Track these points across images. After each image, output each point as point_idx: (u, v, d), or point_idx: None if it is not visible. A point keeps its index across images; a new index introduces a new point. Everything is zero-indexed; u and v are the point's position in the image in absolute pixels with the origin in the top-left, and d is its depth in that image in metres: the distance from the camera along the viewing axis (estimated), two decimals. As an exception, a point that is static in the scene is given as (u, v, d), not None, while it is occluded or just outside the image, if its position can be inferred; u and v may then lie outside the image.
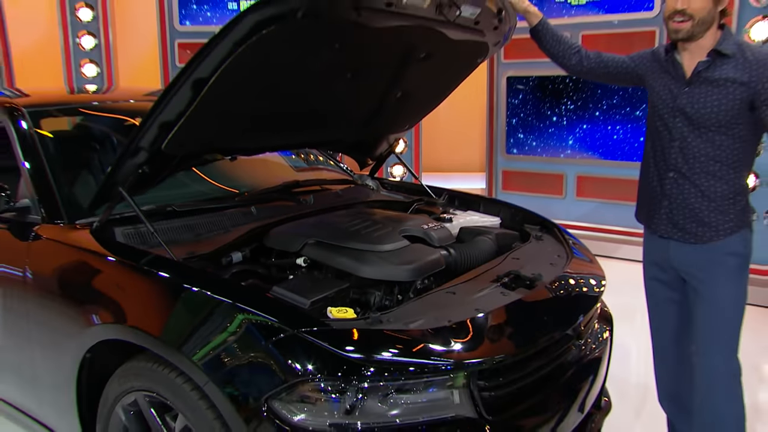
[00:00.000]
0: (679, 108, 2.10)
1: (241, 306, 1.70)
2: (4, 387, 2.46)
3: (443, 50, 2.36)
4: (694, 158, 2.10)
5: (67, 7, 5.75)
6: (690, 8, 1.97)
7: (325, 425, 1.56)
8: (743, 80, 1.99)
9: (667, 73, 2.15)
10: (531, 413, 1.81)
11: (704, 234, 2.11)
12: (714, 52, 2.04)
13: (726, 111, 2.02)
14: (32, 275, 2.21)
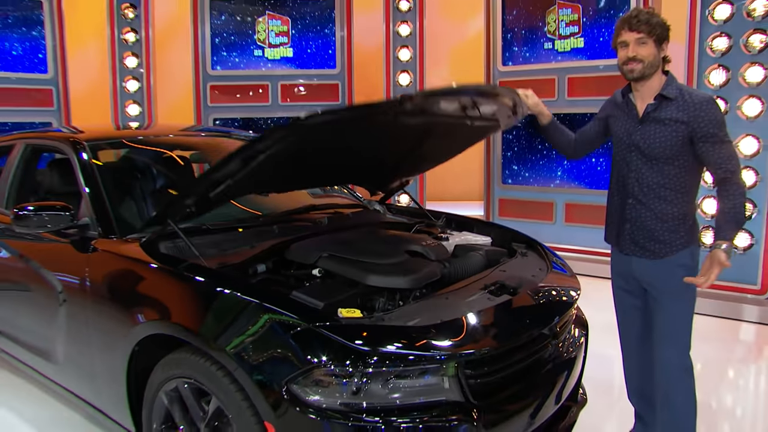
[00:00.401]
0: (634, 144, 2.28)
1: (266, 306, 1.87)
2: (71, 381, 2.64)
3: (461, 130, 2.61)
4: (648, 186, 2.26)
5: (117, 55, 6.07)
6: (639, 55, 2.19)
7: (336, 404, 1.72)
8: (684, 120, 2.19)
9: (624, 113, 2.34)
10: (511, 400, 1.95)
11: (660, 250, 2.26)
12: (660, 95, 2.23)
13: (671, 146, 2.20)
14: (90, 282, 2.41)
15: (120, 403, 2.30)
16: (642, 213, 2.29)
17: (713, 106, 2.21)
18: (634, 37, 2.19)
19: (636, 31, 2.19)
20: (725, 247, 2.15)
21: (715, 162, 2.18)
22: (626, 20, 2.23)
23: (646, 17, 2.20)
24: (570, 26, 5.44)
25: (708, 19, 4.28)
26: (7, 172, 3.27)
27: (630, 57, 2.20)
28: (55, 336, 2.61)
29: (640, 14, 2.21)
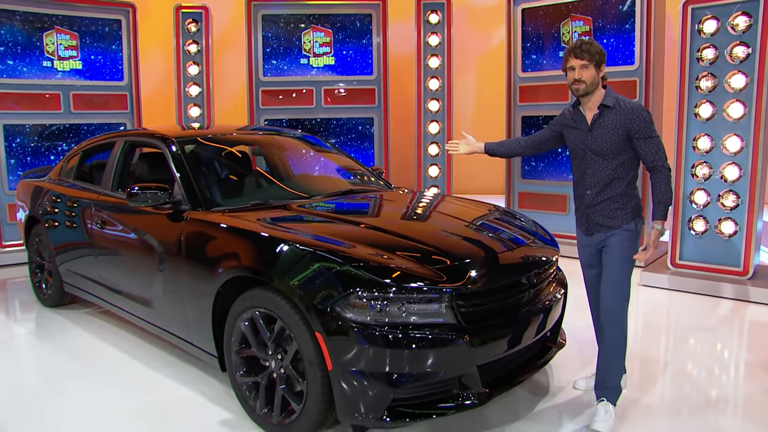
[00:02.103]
0: (587, 147, 2.86)
1: (318, 253, 2.63)
2: (165, 322, 3.45)
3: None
4: (601, 178, 2.84)
5: (181, 64, 6.95)
6: (583, 77, 2.79)
7: (366, 320, 2.45)
8: (620, 123, 2.78)
9: (577, 124, 2.91)
10: (493, 328, 2.65)
11: (614, 224, 2.85)
12: (602, 105, 2.83)
13: (616, 144, 2.79)
14: (184, 244, 3.21)
15: (206, 333, 3.09)
16: (599, 199, 2.86)
17: (642, 110, 2.79)
18: (579, 63, 2.78)
19: (580, 59, 2.78)
20: (659, 226, 2.78)
21: (646, 153, 2.78)
22: (572, 50, 2.81)
23: (587, 47, 2.78)
24: (583, 36, 6.04)
25: (697, 32, 4.84)
26: (111, 163, 4.14)
27: (576, 79, 2.79)
28: (155, 287, 3.44)
29: (582, 45, 2.80)
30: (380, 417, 2.45)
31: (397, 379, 2.43)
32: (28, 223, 4.94)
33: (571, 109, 2.98)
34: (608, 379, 2.85)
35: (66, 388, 3.37)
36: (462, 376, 2.53)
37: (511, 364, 2.84)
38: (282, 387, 2.71)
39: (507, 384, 2.74)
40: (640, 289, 5.13)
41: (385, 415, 2.45)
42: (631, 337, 4.20)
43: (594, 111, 2.85)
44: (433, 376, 2.48)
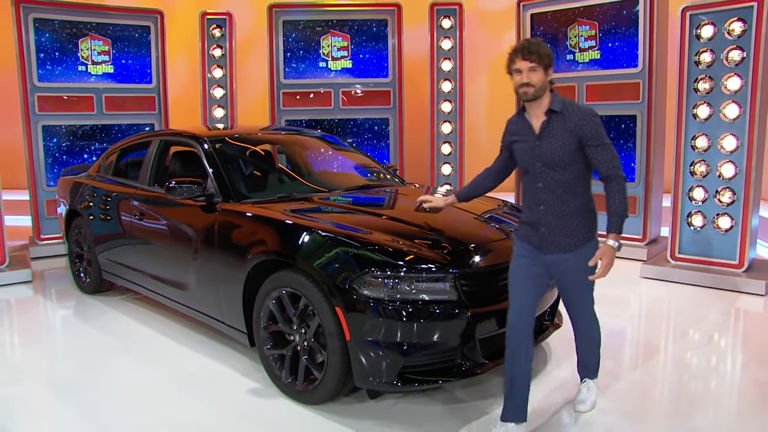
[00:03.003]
0: (536, 157, 2.62)
1: (338, 239, 2.99)
2: (199, 303, 3.82)
3: None
4: (553, 192, 2.61)
5: (206, 67, 7.36)
6: (531, 81, 2.56)
7: (380, 296, 2.79)
8: (570, 129, 2.56)
9: (524, 133, 2.68)
10: (493, 305, 3.00)
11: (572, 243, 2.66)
12: (549, 111, 2.61)
13: (566, 153, 2.57)
14: (217, 232, 3.59)
15: (237, 312, 3.46)
16: (552, 216, 2.63)
17: (593, 114, 2.59)
18: (526, 66, 2.54)
19: (528, 61, 2.54)
20: (611, 242, 2.56)
21: (599, 162, 2.57)
22: (519, 51, 2.56)
23: (536, 49, 2.54)
24: (588, 40, 6.35)
25: (695, 37, 5.13)
26: (147, 160, 4.55)
27: (524, 83, 2.56)
28: (190, 272, 3.82)
29: (531, 46, 2.56)
30: (392, 382, 2.80)
31: (407, 348, 2.78)
32: (69, 217, 5.37)
33: (515, 118, 2.77)
34: (590, 363, 3.02)
35: (110, 361, 3.77)
36: (464, 347, 2.87)
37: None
38: (305, 358, 3.08)
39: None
40: (641, 281, 5.42)
41: (396, 380, 2.81)
42: (633, 327, 4.52)
43: (541, 118, 2.63)
44: (439, 346, 2.82)
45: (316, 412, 3.04)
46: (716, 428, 2.96)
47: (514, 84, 2.62)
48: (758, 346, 4.01)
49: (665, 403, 3.26)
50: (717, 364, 3.75)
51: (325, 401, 3.06)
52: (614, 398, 3.23)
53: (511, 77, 2.64)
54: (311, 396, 3.06)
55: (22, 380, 3.57)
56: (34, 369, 3.75)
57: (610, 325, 4.37)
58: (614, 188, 2.61)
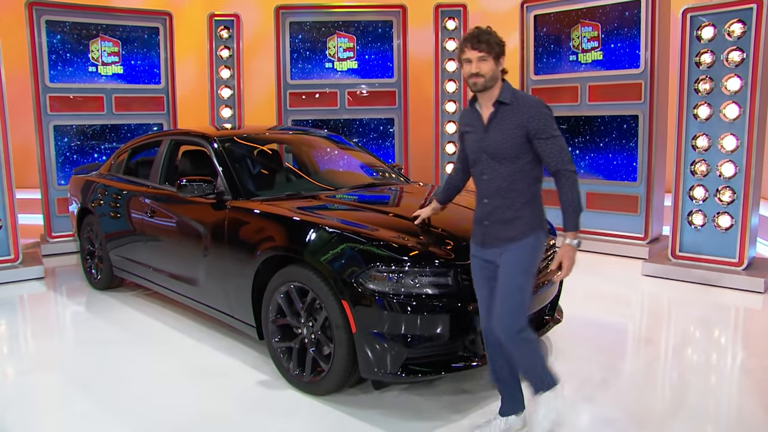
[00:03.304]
0: (483, 149, 2.56)
1: (344, 235, 3.10)
2: (209, 298, 3.93)
3: None
4: (498, 185, 2.54)
5: (214, 68, 7.49)
6: (481, 71, 2.48)
7: (384, 290, 2.90)
8: (518, 122, 2.47)
9: (472, 125, 2.62)
10: (495, 299, 3.11)
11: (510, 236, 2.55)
12: (497, 102, 2.52)
13: (513, 146, 2.49)
14: (227, 229, 3.70)
15: (246, 306, 3.57)
16: (496, 209, 2.57)
17: (542, 106, 2.51)
18: (476, 55, 2.47)
19: (478, 50, 2.46)
20: (569, 240, 2.48)
21: (548, 155, 2.47)
22: (469, 39, 2.48)
23: (486, 38, 2.47)
24: (591, 41, 6.44)
25: (696, 38, 5.22)
26: (158, 159, 4.67)
27: (473, 72, 2.49)
28: (200, 268, 3.94)
29: (481, 35, 2.48)
30: (396, 373, 2.91)
31: (410, 340, 2.89)
32: (81, 215, 5.50)
33: (468, 109, 2.70)
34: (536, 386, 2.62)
35: (123, 354, 3.89)
36: (466, 339, 2.97)
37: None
38: (312, 350, 3.19)
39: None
40: (642, 279, 5.51)
41: (401, 371, 2.91)
42: (634, 324, 4.61)
43: (490, 109, 2.57)
44: (442, 338, 2.93)
45: (323, 403, 3.15)
46: (716, 423, 3.05)
47: (463, 74, 2.55)
48: (758, 342, 4.10)
49: (666, 398, 3.34)
50: (717, 361, 3.83)
51: (331, 392, 3.17)
52: (615, 394, 3.31)
53: (461, 67, 2.56)
54: (318, 387, 3.17)
55: (38, 370, 3.69)
56: (49, 360, 3.87)
57: (611, 322, 4.47)
58: (565, 183, 2.49)
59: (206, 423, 3.00)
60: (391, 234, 3.13)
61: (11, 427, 3.00)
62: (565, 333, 4.03)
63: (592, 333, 4.17)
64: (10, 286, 5.50)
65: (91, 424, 3.01)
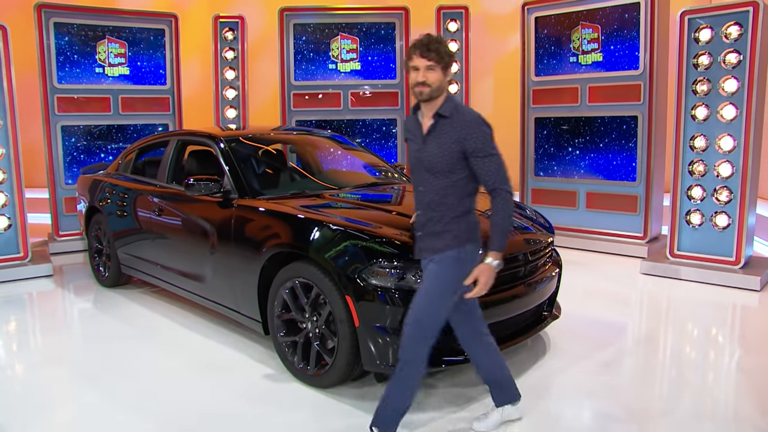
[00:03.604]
0: (420, 160, 2.54)
1: (348, 232, 3.20)
2: (216, 294, 4.04)
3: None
4: (431, 198, 2.53)
5: (219, 69, 7.60)
6: (428, 80, 2.44)
7: (386, 285, 3.00)
8: (455, 138, 2.44)
9: (413, 133, 2.61)
10: (493, 294, 3.18)
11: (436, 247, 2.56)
12: (437, 114, 2.48)
13: (448, 161, 2.46)
14: (234, 227, 3.81)
15: (252, 302, 3.67)
16: (428, 221, 2.57)
17: (480, 124, 2.47)
18: (424, 64, 2.42)
19: (426, 59, 2.41)
20: (489, 260, 2.45)
21: (484, 174, 2.45)
22: (418, 47, 2.43)
23: (436, 47, 2.42)
24: (591, 43, 6.53)
25: (694, 40, 5.31)
26: (165, 159, 4.78)
27: (420, 81, 2.44)
28: (207, 265, 4.04)
29: (431, 43, 2.43)
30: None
31: (412, 334, 2.99)
32: (89, 213, 5.62)
33: (411, 116, 2.66)
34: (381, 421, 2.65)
35: (131, 348, 4.00)
36: (466, 333, 3.07)
37: (510, 327, 3.38)
38: (316, 344, 3.29)
39: (504, 344, 3.28)
40: (641, 277, 5.60)
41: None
42: (633, 321, 4.70)
43: (429, 119, 2.54)
44: (442, 331, 3.02)
45: (326, 395, 3.25)
46: (713, 420, 3.13)
47: (410, 81, 2.50)
48: (754, 339, 4.19)
49: (663, 395, 3.41)
50: (714, 358, 3.92)
51: (335, 385, 3.28)
52: (612, 390, 3.39)
53: (407, 73, 2.52)
54: (322, 380, 3.28)
55: (47, 364, 3.81)
56: (58, 354, 3.99)
57: (609, 320, 4.56)
58: (499, 203, 2.47)
59: (213, 416, 3.11)
60: (394, 231, 3.22)
61: (20, 418, 3.10)
62: (564, 329, 4.12)
63: (589, 330, 4.26)
64: (20, 283, 5.62)
65: (99, 417, 3.12)
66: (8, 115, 5.65)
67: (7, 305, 5.02)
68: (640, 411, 3.13)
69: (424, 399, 3.22)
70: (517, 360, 3.68)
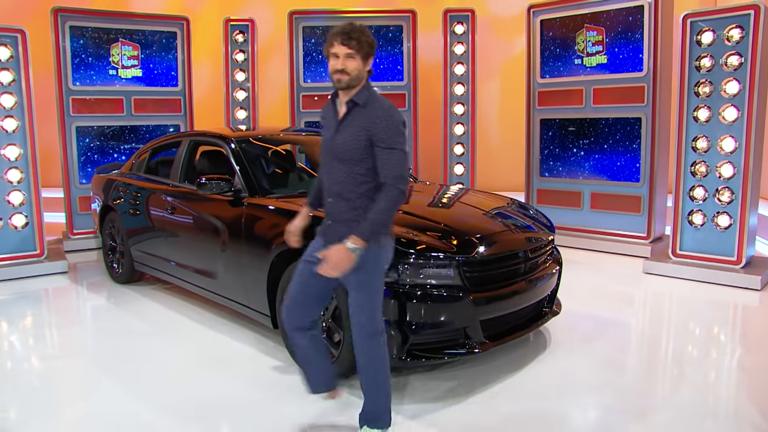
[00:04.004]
0: (331, 147, 2.54)
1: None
2: (226, 290, 4.19)
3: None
4: (342, 185, 2.52)
5: (230, 71, 7.78)
6: (347, 68, 2.44)
7: (392, 280, 3.13)
8: (365, 124, 2.44)
9: (327, 121, 2.61)
10: (494, 290, 3.33)
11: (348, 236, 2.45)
12: (351, 101, 2.48)
13: (358, 149, 2.45)
14: (244, 224, 3.96)
15: (262, 296, 3.82)
16: (338, 209, 2.57)
17: (390, 114, 2.45)
18: (344, 51, 2.43)
19: (347, 47, 2.42)
20: (349, 243, 2.37)
21: (380, 166, 2.43)
22: (339, 34, 2.44)
23: (357, 35, 2.43)
24: (595, 45, 6.64)
25: (696, 43, 5.40)
26: (178, 159, 4.94)
27: (339, 69, 2.44)
28: (219, 262, 4.19)
29: (352, 32, 2.44)
30: (401, 357, 3.14)
31: (415, 327, 3.13)
32: (103, 212, 5.79)
33: (329, 104, 2.67)
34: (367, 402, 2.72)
35: (144, 342, 4.17)
36: (467, 327, 3.21)
37: (510, 323, 3.51)
38: (323, 337, 3.43)
39: (504, 338, 3.41)
40: (644, 277, 5.69)
41: (405, 356, 3.15)
42: (636, 321, 4.79)
43: (344, 106, 2.55)
44: (444, 326, 3.16)
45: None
46: (714, 418, 3.22)
47: (330, 68, 2.50)
48: (755, 338, 4.28)
49: (667, 394, 3.47)
50: (716, 356, 4.01)
51: (342, 377, 3.40)
52: (618, 392, 3.46)
53: (328, 60, 2.52)
54: (328, 371, 3.41)
55: (63, 357, 3.98)
56: (73, 348, 4.16)
57: (613, 320, 4.66)
58: (386, 196, 2.42)
59: (223, 405, 3.25)
60: (400, 229, 3.34)
61: (37, 408, 3.26)
62: (565, 326, 4.24)
63: (591, 327, 4.37)
64: (36, 279, 5.81)
65: (113, 407, 3.28)
66: (26, 116, 5.84)
67: (24, 301, 5.20)
68: (640, 409, 3.20)
69: (425, 390, 3.34)
70: (518, 355, 3.81)
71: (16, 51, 5.77)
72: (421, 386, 3.40)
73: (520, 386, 3.41)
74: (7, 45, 5.72)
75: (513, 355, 3.78)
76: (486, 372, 3.56)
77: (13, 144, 5.81)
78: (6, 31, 5.73)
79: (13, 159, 5.81)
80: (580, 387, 3.44)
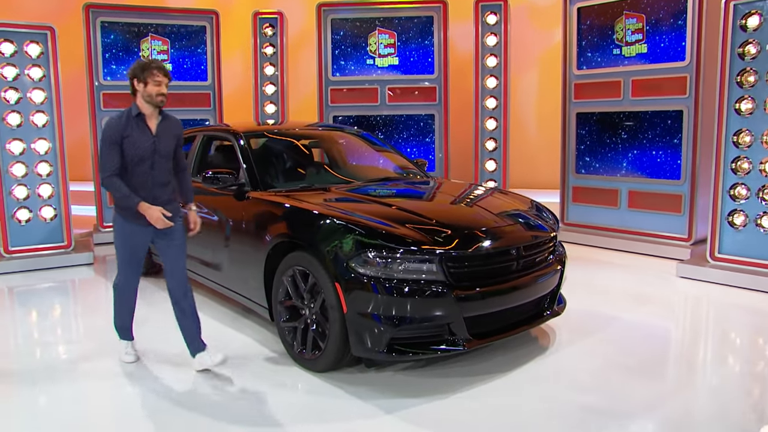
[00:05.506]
0: (155, 149, 3.56)
1: (348, 226, 3.47)
2: (230, 281, 4.43)
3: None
4: (162, 175, 3.62)
5: (259, 65, 8.06)
6: (165, 93, 3.55)
7: (376, 274, 3.26)
8: (175, 133, 3.69)
9: (140, 131, 3.52)
10: (481, 286, 3.39)
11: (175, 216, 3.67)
12: (163, 114, 3.62)
13: (171, 150, 3.65)
14: (246, 218, 4.18)
15: (260, 289, 4.02)
16: (160, 194, 3.63)
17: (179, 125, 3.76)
18: (165, 81, 3.54)
19: (167, 78, 3.56)
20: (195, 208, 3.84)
21: (180, 159, 3.79)
22: (160, 68, 3.53)
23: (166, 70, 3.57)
24: (635, 34, 6.54)
25: (740, 28, 5.24)
26: (192, 153, 5.23)
27: (163, 93, 3.53)
28: (223, 254, 4.43)
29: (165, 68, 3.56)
30: (382, 351, 3.27)
31: (397, 321, 3.24)
32: (125, 205, 6.15)
33: (125, 120, 3.54)
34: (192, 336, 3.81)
35: (157, 330, 4.45)
36: (450, 323, 3.29)
37: (504, 321, 3.56)
38: (313, 329, 3.59)
39: (493, 336, 3.48)
40: (679, 281, 5.57)
41: (388, 350, 3.26)
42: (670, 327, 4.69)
43: (156, 120, 3.61)
44: (426, 321, 3.26)
45: (322, 379, 3.55)
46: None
47: (151, 92, 3.50)
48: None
49: (706, 408, 3.36)
50: (732, 362, 3.94)
51: (329, 369, 3.57)
52: (611, 395, 3.46)
53: (145, 85, 3.49)
54: (317, 363, 3.58)
55: (85, 342, 4.34)
56: (95, 335, 4.48)
57: (628, 322, 4.60)
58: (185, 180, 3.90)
59: (216, 396, 3.46)
60: (387, 224, 3.48)
61: (63, 393, 3.57)
62: (567, 324, 4.24)
63: (601, 329, 4.35)
64: (63, 270, 6.24)
65: (134, 387, 3.56)
66: (55, 111, 6.29)
67: (51, 291, 5.62)
68: (624, 413, 3.21)
69: (412, 384, 3.45)
70: (518, 354, 3.86)
71: (46, 47, 6.22)
72: (405, 380, 3.51)
73: (511, 385, 3.47)
74: (38, 42, 6.18)
75: (513, 354, 3.84)
76: (478, 370, 3.63)
77: (43, 138, 6.27)
78: (36, 29, 6.19)
79: (42, 153, 6.27)
80: (580, 385, 3.46)
